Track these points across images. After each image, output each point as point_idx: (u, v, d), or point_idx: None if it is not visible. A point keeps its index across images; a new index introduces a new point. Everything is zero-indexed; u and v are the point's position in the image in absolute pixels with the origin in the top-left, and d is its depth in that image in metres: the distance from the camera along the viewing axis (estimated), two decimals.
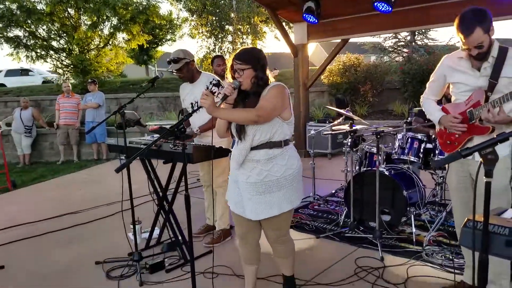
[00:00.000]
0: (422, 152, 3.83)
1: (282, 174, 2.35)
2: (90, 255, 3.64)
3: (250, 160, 2.38)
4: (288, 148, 2.42)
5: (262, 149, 2.35)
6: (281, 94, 2.35)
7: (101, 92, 9.25)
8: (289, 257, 2.62)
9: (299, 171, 2.46)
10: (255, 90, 2.36)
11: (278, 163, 2.35)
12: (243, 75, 2.32)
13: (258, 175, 2.36)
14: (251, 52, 2.42)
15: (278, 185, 2.35)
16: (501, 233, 1.24)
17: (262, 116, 2.28)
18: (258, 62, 2.34)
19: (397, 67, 10.04)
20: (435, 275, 2.99)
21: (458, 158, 1.27)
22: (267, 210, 2.37)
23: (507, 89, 2.37)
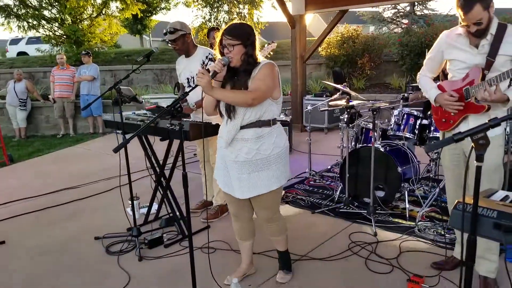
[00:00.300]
0: (418, 128, 3.86)
1: (270, 152, 2.38)
2: (89, 230, 3.70)
3: (239, 139, 2.38)
4: (276, 127, 2.44)
5: (252, 128, 2.36)
6: (272, 73, 2.35)
7: (95, 65, 9.13)
8: (281, 235, 2.68)
9: (287, 149, 2.49)
10: (245, 68, 2.33)
11: (266, 142, 2.37)
12: (233, 51, 2.28)
13: (247, 154, 2.37)
14: (241, 27, 2.36)
15: (267, 163, 2.38)
16: (490, 216, 1.28)
17: (257, 99, 2.30)
18: (248, 39, 2.31)
19: (395, 39, 9.91)
20: (427, 250, 3.07)
21: (451, 142, 1.29)
22: (255, 188, 2.39)
23: (504, 67, 2.37)
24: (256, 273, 2.83)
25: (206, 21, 12.47)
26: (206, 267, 2.63)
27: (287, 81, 9.16)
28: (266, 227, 2.64)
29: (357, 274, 2.82)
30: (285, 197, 4.30)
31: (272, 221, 2.59)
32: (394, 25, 12.19)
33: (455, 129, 2.60)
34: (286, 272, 2.75)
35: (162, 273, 2.92)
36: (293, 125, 7.24)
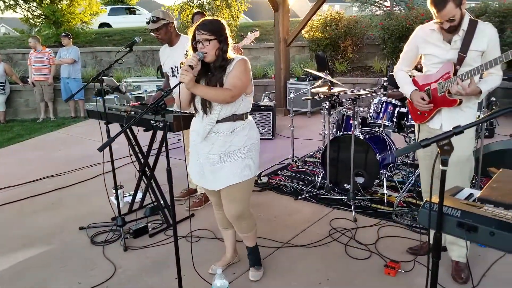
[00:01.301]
0: (396, 116, 3.96)
1: (243, 144, 2.44)
2: (73, 219, 3.73)
3: (213, 133, 2.42)
4: (249, 120, 2.52)
5: (227, 122, 2.41)
6: (247, 69, 2.40)
7: (76, 47, 8.97)
8: (252, 230, 2.70)
9: (258, 141, 2.56)
10: (220, 64, 2.35)
11: (240, 134, 2.44)
12: (208, 46, 2.28)
13: (221, 146, 2.42)
14: (215, 23, 2.35)
15: (240, 155, 2.43)
16: (454, 215, 1.37)
17: (235, 97, 2.36)
18: (222, 34, 2.32)
19: (377, 22, 9.95)
20: (404, 235, 3.21)
21: (417, 148, 1.38)
22: (227, 179, 2.43)
23: (475, 62, 2.47)
24: (240, 262, 2.93)
25: (189, 1, 12.24)
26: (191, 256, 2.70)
27: (270, 64, 9.16)
28: (235, 225, 2.65)
29: (337, 260, 2.94)
30: (269, 184, 4.39)
31: (242, 219, 2.59)
32: (376, 8, 12.20)
33: (429, 122, 2.70)
34: (257, 268, 2.76)
35: (147, 263, 2.99)
36: (277, 109, 7.28)
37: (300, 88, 7.64)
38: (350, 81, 8.62)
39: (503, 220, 1.27)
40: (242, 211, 2.56)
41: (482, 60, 2.46)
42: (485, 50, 2.45)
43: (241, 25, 12.90)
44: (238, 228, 2.68)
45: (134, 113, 3.27)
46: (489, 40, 2.43)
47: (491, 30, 2.45)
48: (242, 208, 2.55)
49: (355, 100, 3.68)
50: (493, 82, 2.47)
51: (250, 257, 2.79)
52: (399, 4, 11.47)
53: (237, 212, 2.54)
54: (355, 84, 8.47)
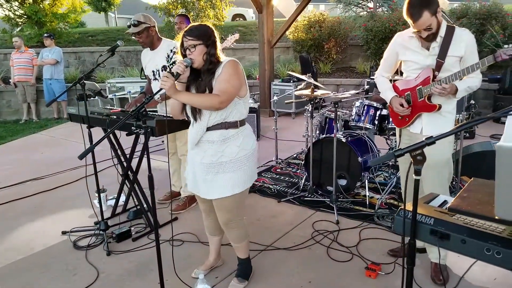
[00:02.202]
0: (378, 119, 4.02)
1: (235, 155, 2.38)
2: (56, 223, 3.70)
3: (205, 141, 2.40)
4: (243, 128, 2.44)
5: (218, 129, 2.36)
6: (237, 72, 2.35)
7: (59, 48, 8.85)
8: (242, 241, 2.66)
9: (254, 151, 2.48)
10: (208, 67, 2.32)
11: (232, 144, 2.38)
12: (194, 51, 2.27)
13: (212, 156, 2.38)
14: (201, 28, 2.33)
15: (232, 167, 2.38)
16: (427, 223, 1.42)
17: (225, 102, 2.28)
18: (209, 38, 2.30)
19: (361, 23, 10.07)
20: (385, 237, 3.26)
21: (391, 158, 1.41)
22: (219, 190, 2.40)
23: (453, 67, 2.53)
24: (224, 265, 2.94)
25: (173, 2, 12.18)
26: (175, 260, 2.71)
27: (255, 65, 9.18)
28: (227, 232, 2.62)
29: (319, 263, 2.97)
30: (253, 186, 4.41)
31: (232, 227, 2.57)
32: (360, 9, 12.32)
33: (410, 126, 2.75)
34: (240, 280, 2.69)
35: (130, 267, 2.99)
36: (261, 110, 7.32)
37: (284, 89, 7.70)
38: (334, 82, 8.71)
39: (474, 228, 1.31)
40: (232, 219, 2.54)
41: (461, 65, 2.53)
42: (463, 56, 2.51)
43: (226, 25, 12.90)
44: (229, 236, 2.66)
45: (116, 117, 3.26)
46: (466, 45, 2.49)
47: (468, 35, 2.51)
48: (233, 217, 2.54)
49: (337, 103, 3.73)
50: (471, 82, 2.53)
51: (239, 267, 2.75)
52: (382, 5, 11.61)
53: (228, 219, 2.53)
54: (339, 85, 8.55)
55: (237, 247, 2.70)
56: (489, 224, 1.30)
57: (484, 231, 1.28)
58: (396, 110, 2.71)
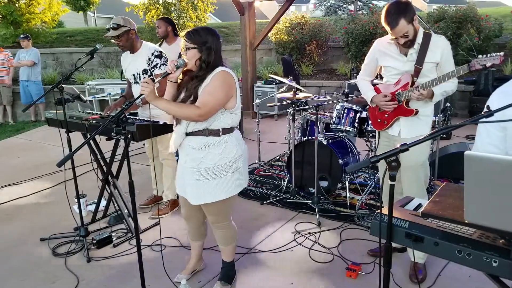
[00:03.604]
0: (357, 122, 4.08)
1: (216, 163, 2.34)
2: (34, 231, 3.64)
3: (186, 145, 2.40)
4: (227, 136, 2.37)
5: (198, 136, 2.34)
6: (225, 84, 2.28)
7: (36, 49, 8.67)
8: (229, 244, 2.66)
9: (238, 159, 2.41)
10: (198, 73, 2.31)
11: (212, 152, 2.34)
12: (188, 53, 2.29)
13: (193, 161, 2.38)
14: (200, 32, 2.31)
15: (212, 174, 2.35)
16: (402, 226, 1.46)
17: (205, 116, 2.24)
18: (204, 44, 2.27)
19: (342, 26, 10.20)
20: (365, 238, 3.32)
21: (367, 164, 1.46)
22: (201, 196, 2.41)
23: (431, 73, 2.62)
24: (206, 269, 2.94)
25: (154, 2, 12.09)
26: (156, 265, 2.71)
27: (237, 66, 9.19)
28: (214, 232, 2.65)
29: (301, 264, 3.00)
30: None
31: (219, 227, 2.59)
32: (341, 11, 12.48)
33: (388, 129, 2.82)
34: (223, 284, 2.68)
35: (111, 274, 2.96)
36: (244, 112, 7.33)
37: (267, 91, 7.73)
38: (316, 84, 8.80)
39: (446, 231, 1.36)
40: (219, 221, 2.57)
41: (437, 71, 2.60)
42: (439, 62, 2.59)
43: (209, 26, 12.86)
44: (216, 238, 2.68)
45: (95, 122, 3.23)
46: (442, 52, 2.57)
47: (443, 42, 2.59)
48: (220, 220, 2.56)
49: (318, 106, 3.78)
50: (447, 87, 2.60)
51: (223, 270, 2.74)
52: (362, 8, 11.77)
53: (214, 221, 2.57)
54: (321, 87, 8.64)
55: (222, 249, 2.71)
56: (460, 227, 1.35)
57: (455, 234, 1.33)
58: (381, 104, 2.74)
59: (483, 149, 1.58)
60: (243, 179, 2.50)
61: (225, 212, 2.56)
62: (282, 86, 7.02)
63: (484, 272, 1.29)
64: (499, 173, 1.11)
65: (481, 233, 1.31)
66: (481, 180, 1.15)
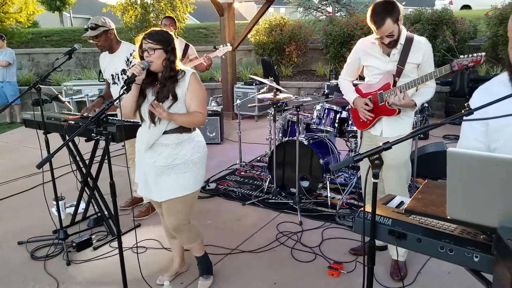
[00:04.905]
0: (338, 122, 4.13)
1: (189, 157, 2.44)
2: (12, 234, 3.54)
3: (159, 144, 2.41)
4: (196, 133, 2.52)
5: (173, 133, 2.41)
6: (201, 84, 2.45)
7: (11, 49, 8.44)
8: (194, 242, 2.67)
9: (205, 155, 2.56)
10: (169, 74, 2.33)
11: (186, 147, 2.44)
12: (153, 55, 2.29)
13: (166, 159, 2.41)
14: (162, 33, 2.36)
15: (184, 168, 2.42)
16: (385, 224, 1.48)
17: (205, 115, 2.44)
18: (169, 44, 2.33)
19: (320, 27, 10.30)
20: (346, 237, 3.36)
21: (350, 163, 1.48)
22: (170, 192, 2.42)
23: (412, 74, 2.66)
24: (188, 271, 2.92)
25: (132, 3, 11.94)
26: (138, 268, 2.66)
27: (217, 67, 9.18)
28: (178, 237, 2.65)
29: (283, 264, 3.02)
30: (217, 190, 4.41)
31: (182, 230, 2.57)
32: (319, 13, 12.59)
33: (371, 128, 2.86)
34: (206, 277, 2.74)
35: (92, 277, 2.91)
36: (224, 113, 7.32)
37: (247, 92, 7.74)
38: (296, 85, 8.85)
39: (429, 228, 1.39)
40: (180, 223, 2.53)
41: (418, 71, 2.66)
42: (420, 63, 2.64)
43: (188, 27, 12.80)
44: (180, 240, 2.69)
45: (74, 123, 3.17)
46: (424, 53, 2.62)
47: (425, 44, 2.64)
48: (180, 221, 2.53)
49: (299, 107, 3.80)
50: (427, 94, 2.67)
51: (200, 266, 2.77)
52: (340, 10, 11.92)
53: (174, 224, 2.53)
54: (300, 88, 8.70)
55: (191, 248, 2.72)
56: (442, 223, 1.38)
57: (437, 230, 1.36)
58: (360, 110, 2.78)
59: (467, 145, 1.63)
60: (203, 176, 2.60)
61: (187, 211, 2.55)
62: (262, 87, 7.03)
63: (465, 267, 1.32)
64: (481, 170, 1.14)
65: (462, 229, 1.34)
66: (464, 176, 1.18)
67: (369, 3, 12.35)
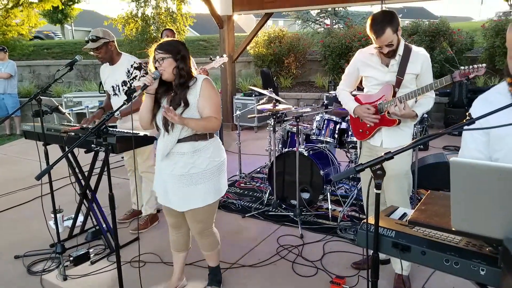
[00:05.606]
0: (337, 133, 4.11)
1: (206, 166, 2.43)
2: (8, 247, 3.50)
3: (175, 153, 2.43)
4: (212, 140, 2.50)
5: (188, 141, 2.41)
6: (215, 90, 2.47)
7: (12, 61, 8.48)
8: (214, 250, 2.70)
9: (223, 163, 2.56)
10: (179, 81, 2.37)
11: (202, 156, 2.43)
12: (163, 63, 2.34)
13: (183, 168, 2.42)
14: (172, 43, 2.43)
15: (203, 178, 2.43)
16: (389, 236, 1.45)
17: (220, 122, 2.45)
18: (178, 53, 2.37)
19: (319, 39, 10.37)
20: (348, 250, 3.30)
21: (352, 173, 1.46)
22: (191, 202, 2.44)
23: (411, 84, 2.65)
24: (188, 285, 2.87)
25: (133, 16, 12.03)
26: (136, 282, 2.63)
27: (217, 79, 9.20)
28: (199, 241, 2.66)
29: (284, 278, 2.96)
30: None
31: (206, 236, 2.61)
32: (317, 25, 12.69)
33: (370, 139, 2.83)
34: None
35: None
36: (224, 124, 7.31)
37: (246, 104, 7.75)
38: (295, 96, 8.87)
39: (433, 240, 1.36)
40: (204, 229, 2.58)
41: (417, 82, 2.65)
42: (419, 73, 2.63)
43: (188, 39, 12.87)
44: (201, 246, 2.69)
45: (74, 134, 3.15)
46: (422, 63, 2.62)
47: (424, 55, 2.64)
48: (205, 226, 2.58)
49: (299, 117, 3.79)
50: (427, 105, 2.66)
51: (210, 276, 2.80)
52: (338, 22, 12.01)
53: (198, 230, 2.57)
54: (300, 99, 8.71)
55: (208, 255, 2.73)
56: (447, 235, 1.35)
57: (442, 242, 1.33)
58: (364, 116, 2.75)
59: (469, 155, 1.61)
60: (225, 182, 2.61)
61: (211, 217, 2.61)
62: (261, 98, 7.04)
63: (471, 280, 1.29)
64: (485, 180, 1.12)
65: (467, 241, 1.31)
66: (467, 186, 1.15)
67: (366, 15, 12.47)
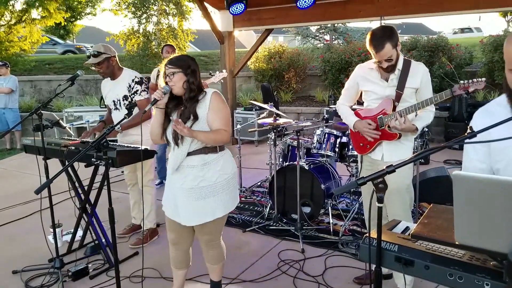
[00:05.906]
0: (338, 147, 4.11)
1: (216, 179, 2.42)
2: (6, 262, 3.46)
3: (185, 166, 2.42)
4: (223, 153, 2.49)
5: (198, 154, 2.40)
6: (225, 103, 2.47)
7: (14, 76, 8.53)
8: (218, 263, 2.68)
9: (234, 176, 2.53)
10: (189, 95, 2.39)
11: (212, 169, 2.42)
12: (173, 78, 2.36)
13: (193, 181, 2.40)
14: (181, 58, 2.45)
15: (213, 191, 2.41)
16: (391, 250, 1.44)
17: (230, 134, 2.43)
18: (188, 67, 2.39)
19: (319, 54, 10.46)
20: (350, 265, 3.27)
21: (354, 187, 1.45)
22: (200, 216, 2.42)
23: (411, 98, 2.66)
24: None
25: (135, 32, 12.17)
26: None
27: None
28: (205, 252, 2.64)
29: None
30: None
31: (213, 247, 2.60)
32: (317, 41, 12.81)
33: (371, 153, 2.83)
34: None
35: None
36: None
37: (247, 118, 7.78)
38: (295, 110, 8.90)
39: (437, 254, 1.34)
40: (213, 240, 2.58)
41: (416, 96, 2.66)
42: (418, 87, 2.64)
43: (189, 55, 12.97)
44: (206, 257, 2.67)
45: (74, 148, 3.15)
46: (422, 78, 2.63)
47: (423, 69, 2.66)
48: (213, 238, 2.57)
49: (299, 131, 3.79)
50: (427, 118, 2.67)
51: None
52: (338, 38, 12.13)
53: (207, 240, 2.57)
54: (300, 113, 8.74)
55: (213, 269, 2.70)
56: (450, 249, 1.33)
57: (445, 257, 1.32)
58: (364, 131, 2.75)
59: (472, 166, 1.61)
60: (237, 195, 2.60)
61: (220, 230, 2.60)
62: (262, 112, 7.06)
63: None
64: (488, 193, 1.11)
65: (471, 255, 1.30)
66: (470, 200, 1.15)
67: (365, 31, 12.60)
